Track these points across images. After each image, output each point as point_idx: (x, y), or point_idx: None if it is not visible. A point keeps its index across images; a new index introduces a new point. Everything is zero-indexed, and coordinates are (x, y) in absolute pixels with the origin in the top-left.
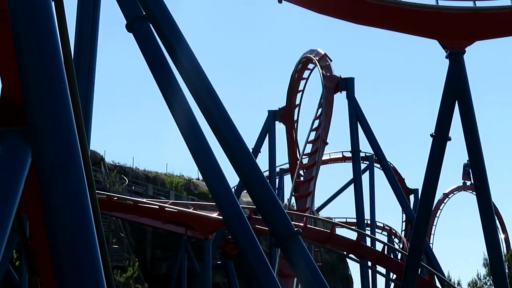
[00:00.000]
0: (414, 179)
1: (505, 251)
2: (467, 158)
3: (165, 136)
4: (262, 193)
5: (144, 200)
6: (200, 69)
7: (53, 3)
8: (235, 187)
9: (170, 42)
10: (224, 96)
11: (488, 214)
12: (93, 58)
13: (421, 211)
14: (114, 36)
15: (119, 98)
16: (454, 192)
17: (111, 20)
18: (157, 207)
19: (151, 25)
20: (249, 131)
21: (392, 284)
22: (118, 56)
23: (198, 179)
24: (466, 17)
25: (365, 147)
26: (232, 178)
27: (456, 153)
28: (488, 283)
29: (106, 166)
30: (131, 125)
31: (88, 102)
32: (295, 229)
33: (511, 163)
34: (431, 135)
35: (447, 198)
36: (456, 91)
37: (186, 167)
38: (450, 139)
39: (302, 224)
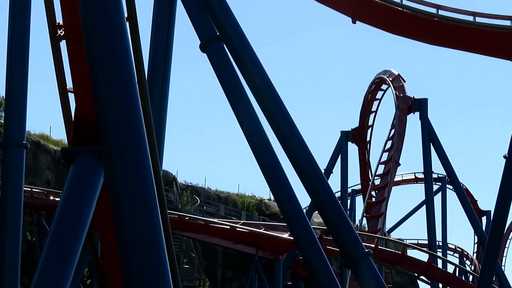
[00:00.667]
0: (487, 201)
1: None
2: None
3: (237, 156)
4: (334, 214)
5: (216, 220)
6: (273, 89)
7: (127, 24)
8: (307, 208)
9: (244, 62)
10: (296, 115)
11: None
12: (166, 78)
13: (493, 233)
14: (188, 56)
15: (192, 118)
16: None
17: (186, 40)
18: (228, 227)
19: (224, 45)
20: (321, 152)
21: None
22: (192, 76)
23: (269, 199)
24: None
25: (437, 168)
26: (304, 199)
27: None
28: None
29: (178, 186)
30: (203, 146)
31: (161, 122)
32: (366, 250)
33: None
34: (504, 156)
35: None
36: None
37: (257, 187)
38: None
39: (373, 245)
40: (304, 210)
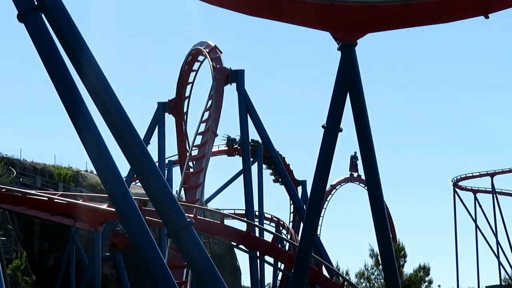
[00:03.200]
0: (302, 171)
1: None
2: (354, 150)
3: (53, 127)
4: (156, 184)
5: (34, 191)
6: (94, 60)
7: None
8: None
9: (63, 33)
10: (114, 86)
11: (379, 205)
12: None
13: (312, 202)
14: (5, 26)
15: (7, 88)
16: (342, 184)
17: (3, 9)
18: (46, 198)
19: (43, 16)
20: (138, 123)
21: (280, 274)
22: (9, 45)
23: (86, 170)
24: (358, 9)
25: (254, 138)
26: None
27: (342, 145)
28: (376, 273)
29: None
30: (19, 116)
31: None
32: (188, 220)
33: (399, 157)
34: (323, 127)
35: (334, 190)
36: (348, 83)
37: (74, 158)
38: (341, 131)
39: (192, 215)
40: None
